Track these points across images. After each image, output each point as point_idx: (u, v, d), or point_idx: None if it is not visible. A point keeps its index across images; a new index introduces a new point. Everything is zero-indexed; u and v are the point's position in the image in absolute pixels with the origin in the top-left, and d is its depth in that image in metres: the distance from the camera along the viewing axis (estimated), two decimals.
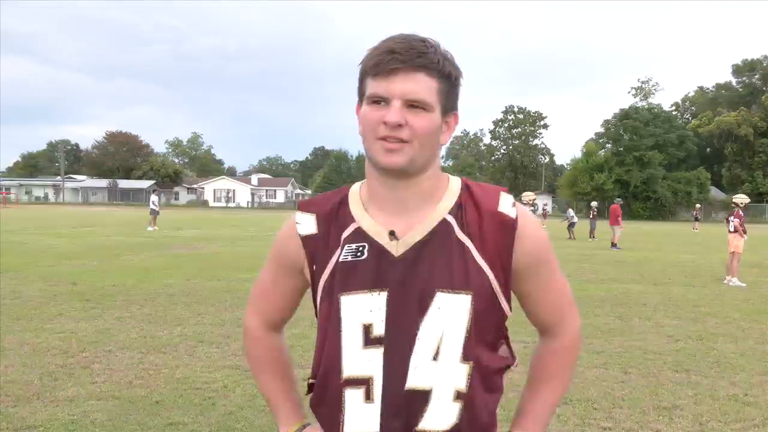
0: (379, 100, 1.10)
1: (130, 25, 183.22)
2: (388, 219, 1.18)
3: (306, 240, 1.24)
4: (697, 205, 39.22)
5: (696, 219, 36.15)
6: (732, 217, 11.45)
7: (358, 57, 1.16)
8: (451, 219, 1.18)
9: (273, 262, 1.33)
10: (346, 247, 1.19)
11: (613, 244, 18.27)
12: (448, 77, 1.13)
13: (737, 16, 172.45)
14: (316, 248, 1.23)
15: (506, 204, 1.19)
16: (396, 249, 1.16)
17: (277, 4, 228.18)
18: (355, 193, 1.26)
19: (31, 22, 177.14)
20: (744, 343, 6.18)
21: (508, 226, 1.17)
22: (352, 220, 1.21)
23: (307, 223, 1.25)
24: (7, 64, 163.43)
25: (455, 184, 1.23)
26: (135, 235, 19.60)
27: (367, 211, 1.21)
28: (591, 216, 22.96)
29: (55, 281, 9.06)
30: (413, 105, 1.09)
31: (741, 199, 11.87)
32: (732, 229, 11.28)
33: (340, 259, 1.18)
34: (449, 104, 1.16)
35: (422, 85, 1.10)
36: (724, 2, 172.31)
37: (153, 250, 14.30)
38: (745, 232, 11.19)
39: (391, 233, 1.16)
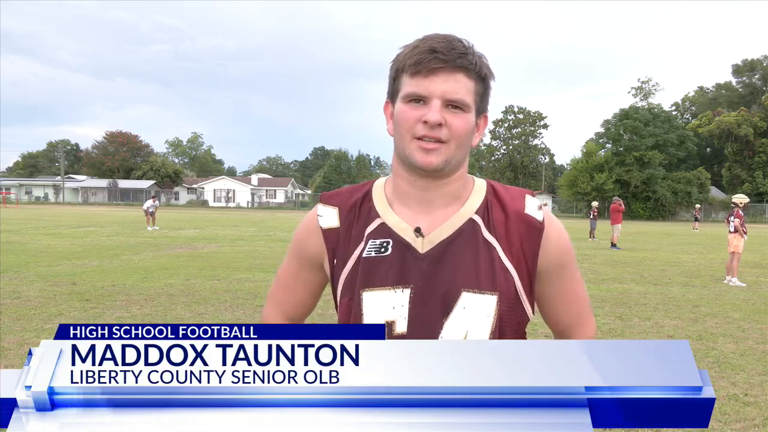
0: (417, 99, 1.09)
1: (130, 25, 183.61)
2: (414, 216, 1.17)
3: (327, 233, 1.23)
4: (697, 205, 39.26)
5: (696, 219, 36.18)
6: (732, 217, 11.44)
7: (358, 57, 1.16)
8: (478, 219, 1.17)
9: (293, 256, 1.31)
10: (369, 243, 1.17)
11: (613, 244, 18.25)
12: (483, 79, 1.13)
13: (737, 16, 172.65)
14: (338, 242, 1.21)
15: (532, 207, 1.18)
16: (421, 246, 1.15)
17: (277, 4, 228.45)
18: (380, 188, 1.24)
19: (31, 22, 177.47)
20: (744, 343, 6.17)
21: (535, 229, 1.16)
22: (376, 215, 1.20)
23: (329, 216, 1.24)
24: (7, 64, 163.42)
25: (481, 185, 1.23)
26: (135, 235, 19.58)
27: (392, 208, 1.19)
28: (591, 216, 22.95)
29: (55, 281, 9.06)
30: (452, 105, 1.09)
31: (740, 198, 11.85)
32: (732, 229, 11.27)
33: (363, 255, 1.17)
34: (482, 106, 1.16)
35: (462, 86, 1.09)
36: (724, 2, 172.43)
37: (153, 250, 14.29)
38: (745, 232, 11.18)
39: (417, 230, 1.15)
